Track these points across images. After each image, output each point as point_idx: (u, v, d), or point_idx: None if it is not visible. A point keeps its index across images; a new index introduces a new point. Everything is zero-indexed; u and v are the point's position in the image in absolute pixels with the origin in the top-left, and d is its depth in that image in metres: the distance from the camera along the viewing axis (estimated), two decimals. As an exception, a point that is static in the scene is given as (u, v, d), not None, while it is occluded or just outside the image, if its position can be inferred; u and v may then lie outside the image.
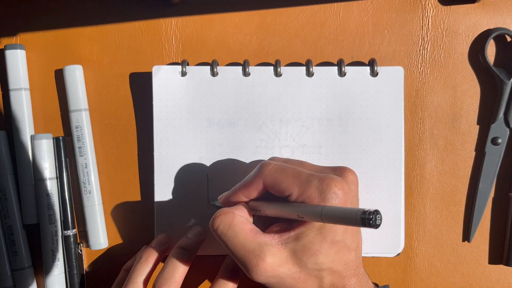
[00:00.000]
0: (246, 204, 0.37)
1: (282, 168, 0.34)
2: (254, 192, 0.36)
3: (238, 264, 0.34)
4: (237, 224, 0.34)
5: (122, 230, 0.45)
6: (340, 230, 0.33)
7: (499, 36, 0.43)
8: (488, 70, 0.43)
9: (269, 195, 0.36)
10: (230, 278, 0.39)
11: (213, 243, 0.43)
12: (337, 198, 0.32)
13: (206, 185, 0.43)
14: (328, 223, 0.32)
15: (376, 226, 0.27)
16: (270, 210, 0.35)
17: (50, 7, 0.45)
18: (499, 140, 0.43)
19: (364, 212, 0.27)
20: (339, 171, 0.35)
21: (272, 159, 0.37)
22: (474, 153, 0.44)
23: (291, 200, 0.34)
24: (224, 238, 0.34)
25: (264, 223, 0.36)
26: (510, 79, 0.42)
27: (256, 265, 0.32)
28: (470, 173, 0.44)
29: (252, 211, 0.37)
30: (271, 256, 0.32)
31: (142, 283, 0.39)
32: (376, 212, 0.27)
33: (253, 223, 0.36)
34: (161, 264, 0.44)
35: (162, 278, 0.38)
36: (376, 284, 0.38)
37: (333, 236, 0.33)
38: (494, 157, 0.43)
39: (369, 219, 0.27)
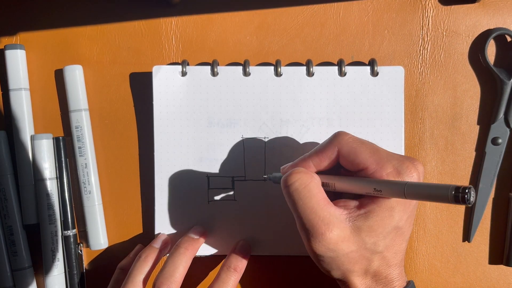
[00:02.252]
0: None
1: (361, 141, 0.34)
2: (325, 160, 0.35)
3: (300, 226, 0.33)
4: (314, 187, 0.33)
5: (122, 230, 0.45)
6: (405, 216, 0.33)
7: (499, 36, 0.43)
8: (488, 70, 0.43)
9: (333, 171, 0.35)
10: (231, 276, 0.39)
11: (213, 243, 0.43)
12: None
13: (206, 185, 0.43)
14: (409, 199, 0.32)
15: (470, 202, 0.26)
16: (341, 183, 0.34)
17: (50, 7, 0.45)
18: (499, 140, 0.43)
19: (458, 188, 0.26)
20: (411, 159, 0.34)
21: (341, 131, 0.36)
22: (474, 153, 0.44)
23: (363, 174, 0.34)
24: (296, 196, 0.33)
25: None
26: (510, 79, 0.42)
27: (323, 233, 0.32)
28: (470, 173, 0.44)
29: None
30: (339, 230, 0.32)
31: (141, 282, 0.39)
32: (471, 188, 0.26)
33: None
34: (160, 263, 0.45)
35: (162, 277, 0.38)
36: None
37: (399, 220, 0.33)
38: (494, 157, 0.43)
39: (464, 195, 0.26)
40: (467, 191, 0.26)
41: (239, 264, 0.40)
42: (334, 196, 0.35)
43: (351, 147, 0.34)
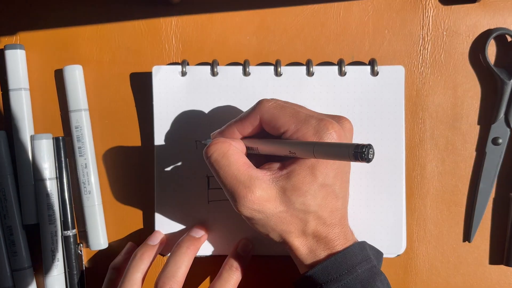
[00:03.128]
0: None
1: (282, 106, 0.35)
2: (249, 127, 0.36)
3: (226, 194, 0.34)
4: (232, 154, 0.34)
5: (122, 230, 0.45)
6: (331, 174, 0.33)
7: (500, 36, 0.43)
8: (489, 70, 0.43)
9: (261, 135, 0.36)
10: (233, 275, 0.39)
11: (213, 243, 0.43)
12: (332, 140, 0.32)
13: (206, 185, 0.43)
14: (320, 159, 0.32)
15: (368, 160, 0.27)
16: (262, 146, 0.35)
17: (50, 7, 0.45)
18: (500, 140, 0.43)
19: (357, 146, 0.27)
20: (337, 118, 0.35)
21: (272, 99, 0.36)
22: (474, 153, 0.44)
23: (285, 137, 0.34)
24: (216, 165, 0.34)
25: (256, 162, 0.36)
26: (510, 79, 0.42)
27: (244, 196, 0.33)
28: (470, 173, 0.44)
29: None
30: (260, 190, 0.33)
31: (139, 280, 0.39)
32: (369, 146, 0.27)
33: None
34: (158, 261, 0.45)
35: (164, 277, 0.38)
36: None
37: (323, 178, 0.33)
38: (495, 157, 0.43)
39: (362, 152, 0.27)
40: (364, 149, 0.26)
41: (241, 263, 0.40)
42: (265, 160, 0.36)
43: (272, 113, 0.34)
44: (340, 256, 0.34)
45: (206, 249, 0.43)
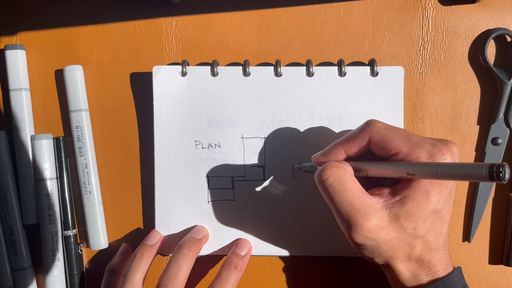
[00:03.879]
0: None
1: (392, 128, 0.35)
2: (356, 147, 0.35)
3: (338, 219, 0.34)
4: (348, 180, 0.34)
5: (122, 230, 0.45)
6: (442, 199, 0.33)
7: (499, 36, 0.43)
8: (488, 70, 0.43)
9: (365, 157, 0.36)
10: (232, 274, 0.39)
11: (212, 243, 0.43)
12: None
13: (206, 185, 0.43)
14: (443, 180, 0.32)
15: (505, 180, 0.26)
16: (373, 169, 0.34)
17: (50, 7, 0.45)
18: (499, 140, 0.43)
19: (492, 165, 0.26)
20: (444, 142, 0.34)
21: (372, 119, 0.36)
22: (474, 153, 0.44)
23: (395, 159, 0.34)
24: (331, 191, 0.34)
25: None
26: (510, 79, 0.42)
27: (361, 224, 0.32)
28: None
29: None
30: (376, 219, 0.32)
31: (139, 281, 0.39)
32: (505, 165, 0.26)
33: None
34: (158, 261, 0.45)
35: (166, 278, 0.38)
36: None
37: (436, 204, 0.33)
38: (494, 157, 0.43)
39: (498, 172, 0.26)
40: (501, 169, 0.26)
41: (240, 263, 0.40)
42: (368, 183, 0.36)
43: (383, 134, 0.34)
44: (442, 284, 0.34)
45: (205, 248, 0.43)
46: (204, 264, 0.44)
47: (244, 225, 0.43)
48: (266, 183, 0.43)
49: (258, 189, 0.43)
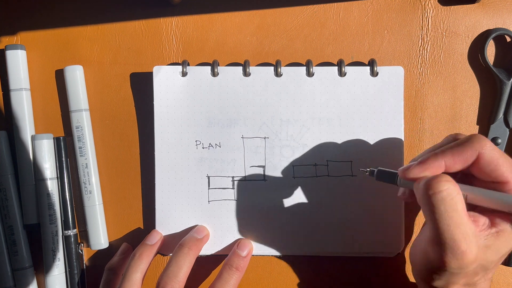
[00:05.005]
0: None
1: (502, 152, 0.32)
2: (460, 163, 0.32)
3: (437, 238, 0.30)
4: (460, 200, 0.30)
5: (122, 230, 0.45)
6: None
7: (499, 37, 0.43)
8: (488, 70, 0.43)
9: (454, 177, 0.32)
10: (233, 275, 0.39)
11: (213, 243, 0.43)
12: None
13: (206, 185, 0.43)
14: None
15: None
16: (475, 195, 0.32)
17: (50, 7, 0.45)
18: (499, 140, 0.43)
19: None
20: None
21: (479, 134, 0.33)
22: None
23: (498, 188, 0.32)
24: (442, 207, 0.30)
25: None
26: (509, 79, 0.42)
27: (464, 252, 0.30)
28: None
29: None
30: (477, 249, 0.30)
31: (138, 280, 0.39)
32: None
33: None
34: (158, 261, 0.45)
35: (166, 277, 0.38)
36: None
37: None
38: (494, 157, 0.43)
39: None
40: None
41: (241, 263, 0.40)
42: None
43: (493, 155, 0.31)
44: None
45: (206, 248, 0.43)
46: (204, 264, 0.44)
47: (244, 225, 0.43)
48: (267, 183, 0.43)
49: (259, 189, 0.43)
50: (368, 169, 0.38)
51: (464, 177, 0.34)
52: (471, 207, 0.33)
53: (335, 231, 0.43)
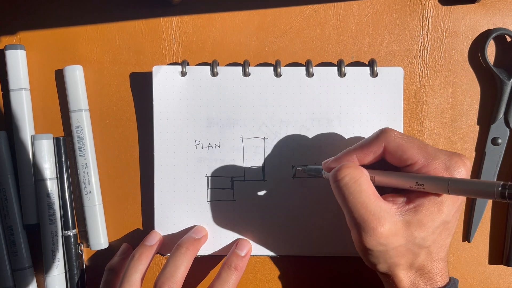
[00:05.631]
0: None
1: (408, 137, 0.34)
2: (370, 155, 0.35)
3: (350, 221, 0.33)
4: (364, 181, 0.33)
5: (122, 230, 0.45)
6: (453, 211, 0.34)
7: (499, 37, 0.43)
8: (488, 70, 0.43)
9: (375, 166, 0.36)
10: (232, 275, 0.39)
11: (212, 243, 0.43)
12: (461, 177, 0.32)
13: (205, 185, 0.43)
14: (453, 195, 0.32)
15: None
16: (382, 177, 0.34)
17: (50, 7, 0.45)
18: (499, 141, 0.43)
19: (505, 185, 0.27)
20: (458, 154, 0.34)
21: (387, 127, 0.36)
22: (474, 153, 0.44)
23: (410, 170, 0.34)
24: (346, 190, 0.33)
25: None
26: (510, 79, 0.42)
27: (374, 228, 0.32)
28: (470, 173, 0.44)
29: None
30: (390, 224, 0.32)
31: (138, 281, 0.39)
32: None
33: None
34: (157, 261, 0.45)
35: (163, 277, 0.38)
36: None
37: (447, 215, 0.33)
38: (494, 157, 0.43)
39: (511, 192, 0.26)
40: None
41: (240, 263, 0.40)
42: (381, 190, 0.35)
43: (398, 143, 0.34)
44: None
45: (205, 248, 0.43)
46: (203, 265, 0.44)
47: (244, 225, 0.43)
48: (266, 183, 0.43)
49: (258, 189, 0.43)
50: (301, 167, 0.42)
51: (385, 167, 0.36)
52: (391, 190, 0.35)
53: (334, 232, 0.43)
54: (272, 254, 0.43)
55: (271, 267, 0.44)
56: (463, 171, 0.33)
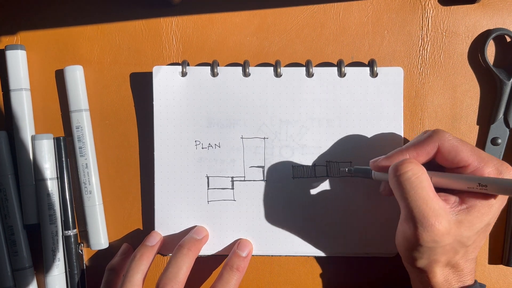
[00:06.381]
0: None
1: (461, 140, 0.35)
2: (423, 155, 0.36)
3: (408, 215, 0.33)
4: (425, 178, 0.34)
5: (122, 230, 0.45)
6: (497, 214, 0.35)
7: (499, 37, 0.43)
8: (488, 70, 0.43)
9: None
10: (234, 276, 0.40)
11: (212, 243, 0.43)
12: None
13: (205, 185, 0.43)
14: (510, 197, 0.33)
15: None
16: (439, 178, 0.35)
17: (50, 7, 0.45)
18: (499, 141, 0.43)
19: None
20: (504, 163, 0.35)
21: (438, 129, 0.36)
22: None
23: (462, 172, 0.35)
24: (408, 185, 0.33)
25: None
26: (510, 80, 0.42)
27: (432, 225, 0.32)
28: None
29: None
30: (446, 222, 0.33)
31: (139, 281, 0.39)
32: None
33: None
34: (158, 261, 0.45)
35: (166, 278, 0.38)
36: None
37: (492, 217, 0.34)
38: (494, 157, 0.43)
39: None
40: None
41: (241, 264, 0.40)
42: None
43: (452, 145, 0.35)
44: None
45: (205, 249, 0.43)
46: (204, 265, 0.44)
47: (244, 225, 0.43)
48: (266, 183, 0.43)
49: (258, 189, 0.43)
50: (347, 169, 0.41)
51: (435, 169, 0.36)
52: (442, 190, 0.35)
53: (334, 232, 0.43)
54: (272, 254, 0.43)
55: (271, 267, 0.44)
56: None
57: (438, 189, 0.35)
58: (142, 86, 0.44)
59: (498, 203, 0.34)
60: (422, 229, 0.33)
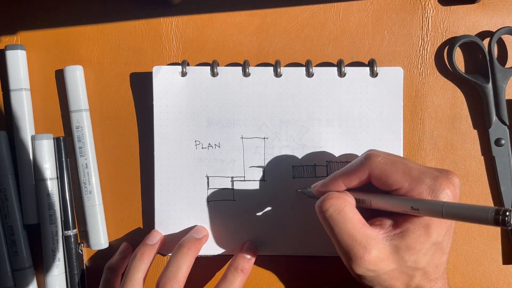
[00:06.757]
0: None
1: (392, 161, 0.34)
2: (355, 181, 0.35)
3: (339, 250, 0.34)
4: (348, 211, 0.33)
5: (122, 230, 0.45)
6: (443, 232, 0.33)
7: (466, 44, 0.43)
8: (462, 77, 0.43)
9: (365, 188, 0.36)
10: (238, 277, 0.40)
11: (212, 243, 0.43)
12: (447, 199, 0.32)
13: (205, 185, 0.43)
14: (448, 219, 0.32)
15: (510, 225, 0.26)
16: (377, 201, 0.35)
17: (50, 7, 0.45)
18: (503, 141, 0.43)
19: (498, 210, 0.26)
20: (444, 173, 0.34)
21: (380, 152, 0.35)
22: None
23: (397, 194, 0.34)
24: (331, 222, 0.33)
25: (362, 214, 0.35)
26: (488, 83, 0.42)
27: (361, 257, 0.32)
28: (470, 173, 0.44)
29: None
30: (376, 250, 0.32)
31: (140, 280, 0.39)
32: (510, 210, 0.26)
33: None
34: (158, 261, 0.45)
35: (165, 277, 0.38)
36: None
37: (436, 236, 0.33)
38: (504, 158, 0.43)
39: (504, 218, 0.26)
40: (507, 214, 0.26)
41: (246, 265, 0.40)
42: (369, 213, 0.35)
43: (382, 169, 0.34)
44: None
45: (205, 249, 0.43)
46: (203, 264, 0.44)
47: (244, 225, 0.43)
48: (266, 183, 0.43)
49: (258, 189, 0.43)
50: (301, 190, 0.42)
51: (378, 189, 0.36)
52: (379, 213, 0.35)
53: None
54: (272, 254, 0.43)
55: (271, 267, 0.44)
56: (448, 193, 0.32)
57: (378, 211, 0.35)
58: (142, 86, 0.44)
59: (437, 222, 0.33)
60: (353, 263, 0.33)
